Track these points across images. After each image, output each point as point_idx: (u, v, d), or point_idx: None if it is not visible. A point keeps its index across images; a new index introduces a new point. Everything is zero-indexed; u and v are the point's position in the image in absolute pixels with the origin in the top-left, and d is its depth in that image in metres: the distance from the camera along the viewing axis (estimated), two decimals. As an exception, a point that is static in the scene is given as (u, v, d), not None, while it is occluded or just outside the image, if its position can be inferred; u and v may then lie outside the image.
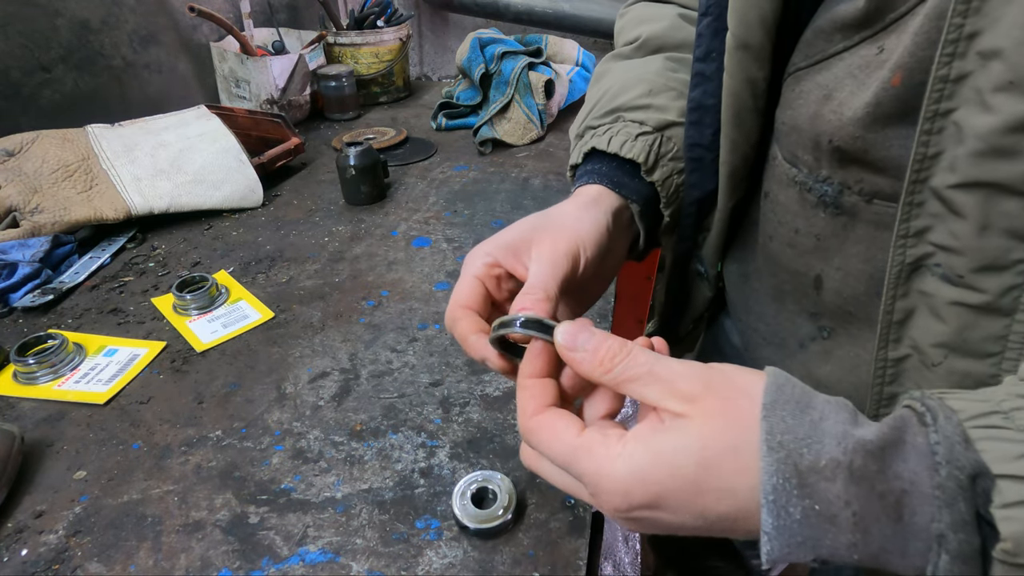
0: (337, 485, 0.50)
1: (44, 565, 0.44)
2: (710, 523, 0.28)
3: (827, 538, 0.26)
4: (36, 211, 0.79)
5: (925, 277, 0.35)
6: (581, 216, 0.45)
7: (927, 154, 0.32)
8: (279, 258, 0.82)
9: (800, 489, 0.26)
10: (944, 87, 0.30)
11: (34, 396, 0.59)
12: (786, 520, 0.26)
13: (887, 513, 0.25)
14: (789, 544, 0.26)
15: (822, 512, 0.26)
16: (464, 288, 0.42)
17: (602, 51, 2.20)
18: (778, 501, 0.26)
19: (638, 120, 0.51)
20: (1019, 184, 0.29)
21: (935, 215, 0.33)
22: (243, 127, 1.05)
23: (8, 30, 0.92)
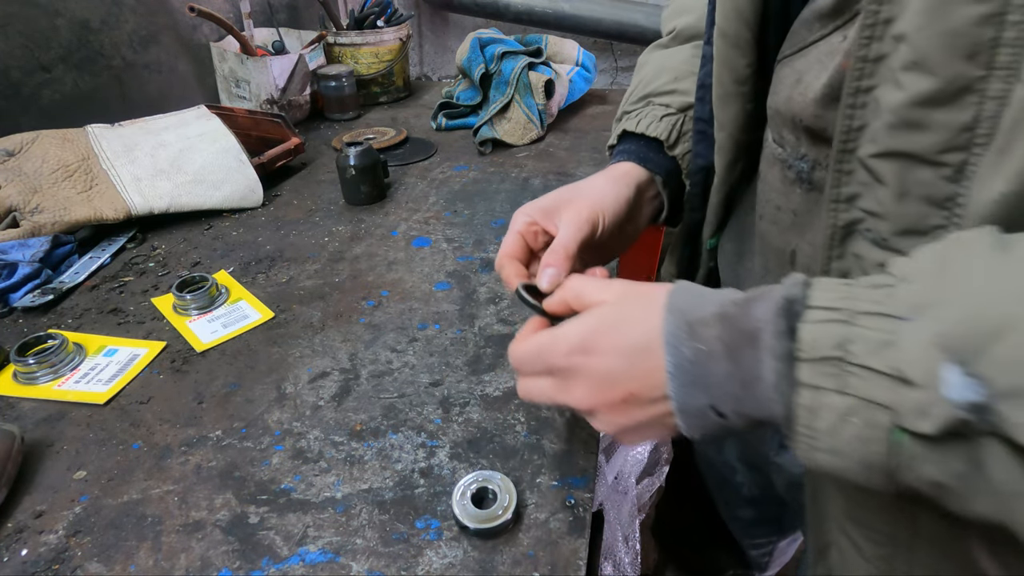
0: (337, 485, 0.50)
1: (44, 565, 0.44)
2: (629, 358, 0.37)
3: (711, 372, 0.34)
4: (36, 211, 0.79)
5: (858, 241, 0.38)
6: (605, 189, 0.55)
7: (852, 126, 0.35)
8: (279, 258, 0.82)
9: (689, 334, 0.35)
10: (864, 66, 0.34)
11: (34, 396, 0.59)
12: (680, 359, 0.35)
13: (748, 342, 0.33)
14: (686, 383, 0.35)
15: (706, 350, 0.34)
16: (509, 241, 0.53)
17: (602, 51, 2.21)
18: (672, 343, 0.35)
19: (664, 103, 0.61)
20: (929, 154, 0.32)
21: (863, 183, 0.36)
22: (243, 127, 1.05)
23: (8, 30, 0.92)
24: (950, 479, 0.28)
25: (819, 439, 0.31)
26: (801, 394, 0.30)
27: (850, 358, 0.29)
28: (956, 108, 0.31)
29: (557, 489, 0.49)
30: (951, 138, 0.31)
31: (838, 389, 0.29)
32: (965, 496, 0.28)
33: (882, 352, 0.28)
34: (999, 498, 0.27)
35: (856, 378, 0.29)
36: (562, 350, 0.40)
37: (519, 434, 0.54)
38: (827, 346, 0.30)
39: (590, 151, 1.13)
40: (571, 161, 1.09)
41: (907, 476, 0.29)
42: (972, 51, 0.29)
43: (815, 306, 0.31)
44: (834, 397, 0.29)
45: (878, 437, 0.29)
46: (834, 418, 0.30)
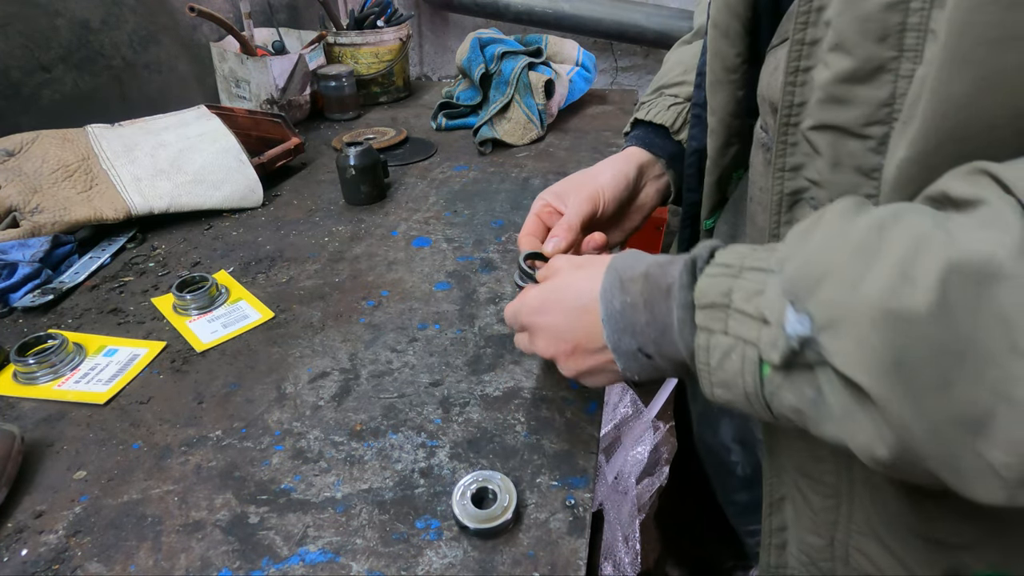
0: (337, 485, 0.50)
1: (44, 565, 0.44)
2: (572, 316, 0.46)
3: (635, 321, 0.41)
4: (36, 211, 0.79)
5: (804, 208, 0.42)
6: (605, 171, 0.65)
7: (794, 102, 0.39)
8: (279, 258, 0.82)
9: (620, 289, 0.42)
10: (802, 48, 0.38)
11: (34, 396, 0.59)
12: (611, 310, 0.42)
13: (662, 296, 0.40)
14: (617, 330, 0.42)
15: (631, 303, 0.41)
16: (528, 221, 0.64)
17: (602, 51, 2.21)
18: (606, 296, 0.43)
19: (673, 94, 0.69)
20: (855, 127, 0.36)
21: (806, 154, 0.40)
22: (243, 127, 1.05)
23: (8, 30, 0.92)
24: (804, 405, 0.33)
25: (713, 374, 0.37)
26: (698, 335, 0.37)
27: (732, 304, 0.35)
28: (874, 85, 0.34)
29: (557, 489, 0.49)
30: (872, 112, 0.35)
31: (723, 330, 0.35)
32: (817, 420, 0.33)
33: (754, 299, 0.34)
34: (837, 421, 0.32)
35: (735, 320, 0.35)
36: (526, 311, 0.50)
37: (519, 434, 0.54)
38: (715, 294, 0.36)
39: (590, 151, 1.13)
40: (571, 161, 1.09)
41: (776, 404, 0.34)
42: (883, 34, 0.33)
43: (716, 263, 0.37)
44: (720, 337, 0.36)
45: (751, 370, 0.34)
46: (720, 355, 0.36)
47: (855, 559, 0.46)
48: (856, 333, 0.29)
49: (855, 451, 0.32)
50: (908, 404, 0.28)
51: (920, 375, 0.28)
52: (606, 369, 0.45)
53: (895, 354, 0.28)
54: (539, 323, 0.48)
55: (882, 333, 0.28)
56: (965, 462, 0.28)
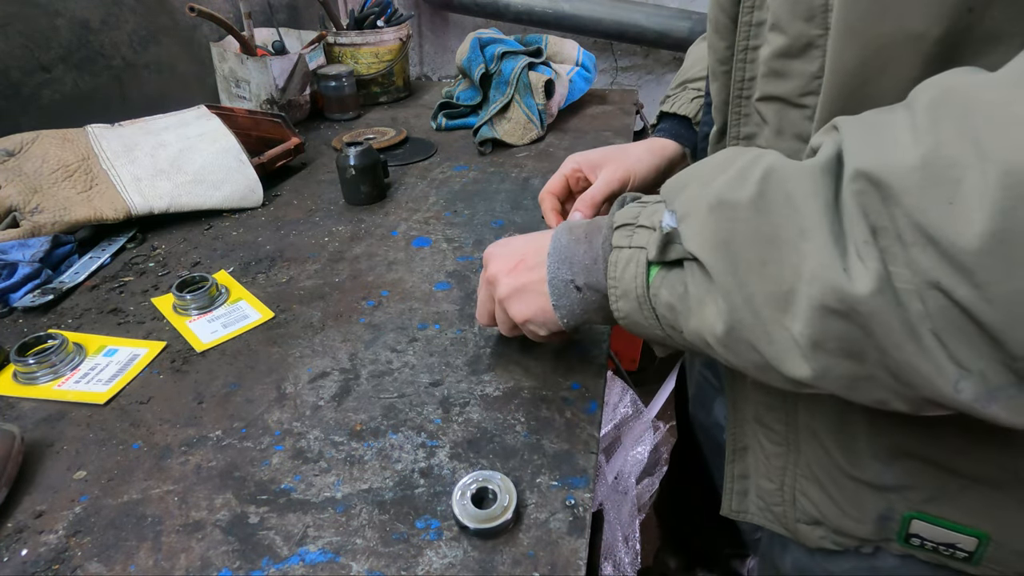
0: (337, 485, 0.50)
1: (44, 565, 0.44)
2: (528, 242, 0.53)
3: (574, 252, 0.47)
4: (36, 211, 0.79)
5: None
6: (642, 156, 0.69)
7: (744, 77, 0.43)
8: (279, 258, 0.82)
9: (568, 230, 0.49)
10: (750, 29, 0.42)
11: (34, 396, 0.59)
12: (557, 244, 0.48)
13: (597, 231, 0.47)
14: (558, 260, 0.48)
15: (574, 238, 0.48)
16: (555, 180, 0.69)
17: (602, 51, 2.21)
18: (556, 235, 0.49)
19: (696, 88, 0.74)
20: (792, 97, 0.40)
21: (756, 124, 0.44)
22: (243, 127, 1.05)
23: (8, 30, 0.92)
24: (675, 299, 0.39)
25: (618, 287, 0.43)
26: (612, 253, 0.43)
27: (637, 222, 0.43)
28: (805, 60, 0.38)
29: (557, 489, 0.49)
30: (806, 84, 0.39)
31: (627, 244, 0.42)
32: (685, 314, 0.39)
33: (651, 216, 0.42)
34: (694, 309, 0.38)
35: (637, 235, 0.42)
36: (489, 251, 0.55)
37: (519, 434, 0.54)
38: (627, 217, 0.44)
39: (590, 151, 1.13)
40: (571, 161, 1.09)
41: (658, 304, 0.41)
42: (809, 15, 0.37)
43: (633, 201, 0.45)
44: (625, 251, 0.42)
45: (641, 272, 0.41)
46: (623, 265, 0.42)
47: (801, 502, 0.51)
48: (699, 218, 0.37)
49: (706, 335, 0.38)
50: (733, 278, 0.35)
51: (742, 254, 0.34)
52: (535, 290, 0.50)
53: (724, 235, 0.35)
54: (497, 252, 0.54)
55: (715, 217, 0.36)
56: (776, 334, 0.34)
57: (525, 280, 0.50)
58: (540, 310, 0.50)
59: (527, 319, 0.51)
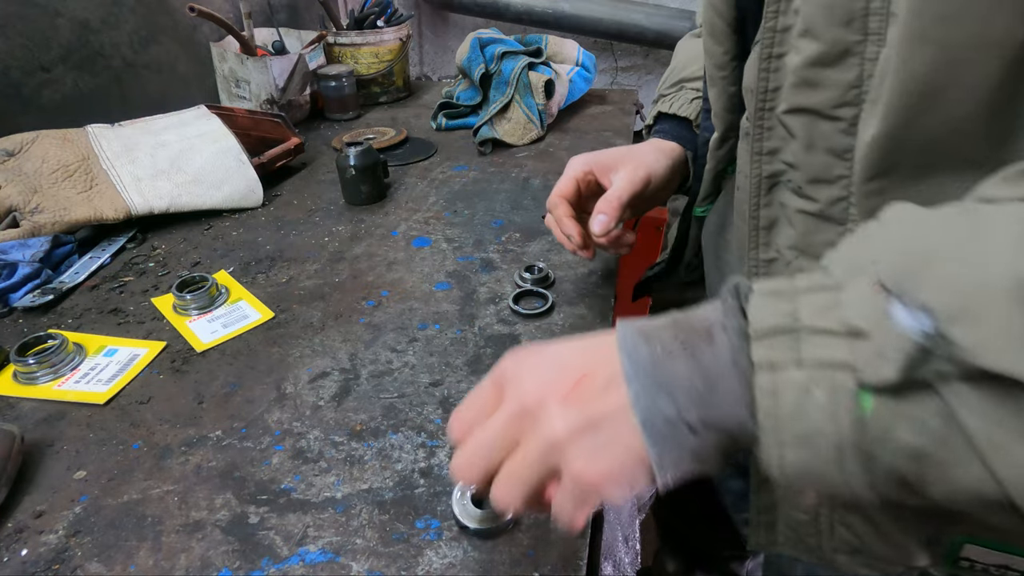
0: (337, 485, 0.50)
1: (44, 565, 0.44)
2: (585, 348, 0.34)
3: (672, 371, 0.31)
4: (36, 211, 0.79)
5: (782, 190, 0.43)
6: (658, 157, 0.65)
7: (768, 88, 0.40)
8: (279, 258, 0.82)
9: (644, 340, 0.32)
10: (774, 36, 0.39)
11: (34, 396, 0.59)
12: (638, 360, 0.31)
13: (702, 338, 0.31)
14: (648, 386, 0.31)
15: (663, 350, 0.31)
16: (565, 183, 0.64)
17: (602, 51, 2.21)
18: (627, 348, 0.32)
19: (695, 88, 0.69)
20: (825, 109, 0.37)
21: (782, 138, 0.41)
22: (243, 127, 1.05)
23: (8, 30, 0.92)
24: (927, 442, 0.26)
25: (784, 428, 0.28)
26: (759, 376, 0.28)
27: (800, 325, 0.28)
28: (842, 68, 0.35)
29: (557, 489, 0.49)
30: (842, 94, 0.36)
31: (795, 361, 0.28)
32: (948, 463, 0.26)
33: (829, 313, 0.28)
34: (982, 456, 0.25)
35: (810, 344, 0.28)
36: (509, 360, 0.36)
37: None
38: (776, 316, 0.29)
39: (590, 151, 1.13)
40: (571, 161, 1.09)
41: (885, 452, 0.26)
42: (848, 19, 0.34)
43: (760, 291, 0.31)
44: (792, 372, 0.28)
45: (845, 406, 0.26)
46: (796, 395, 0.27)
47: (840, 532, 0.46)
48: (997, 316, 0.23)
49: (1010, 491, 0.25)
50: None
51: None
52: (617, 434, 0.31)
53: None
54: (527, 362, 0.35)
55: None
56: None
57: (599, 410, 0.32)
58: (627, 462, 0.31)
59: (604, 478, 0.31)
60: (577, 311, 0.69)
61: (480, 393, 0.37)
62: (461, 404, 0.37)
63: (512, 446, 0.34)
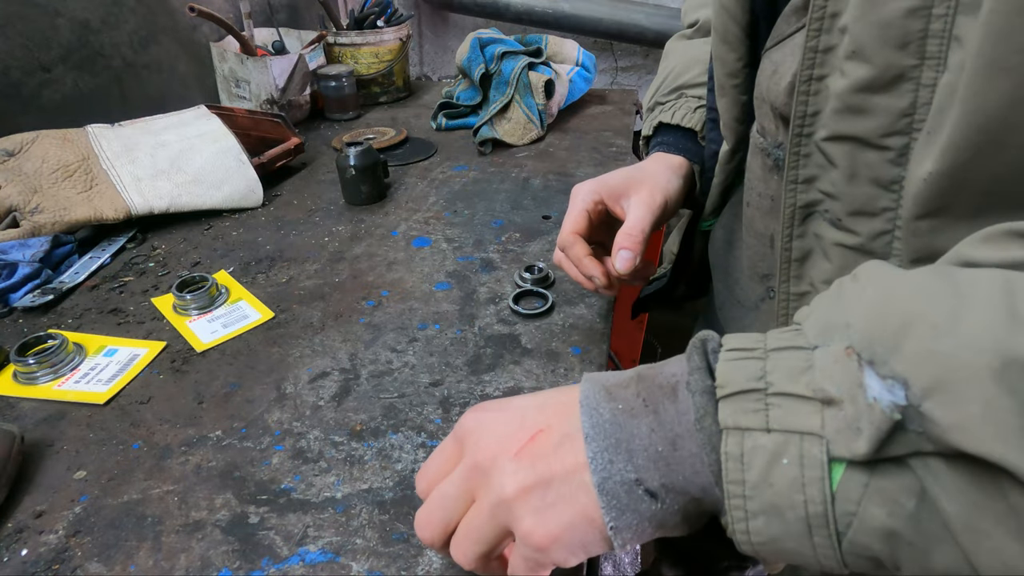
0: (337, 485, 0.50)
1: (44, 565, 0.44)
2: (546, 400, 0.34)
3: (633, 431, 0.30)
4: (36, 211, 0.79)
5: (817, 221, 0.40)
6: (670, 177, 0.59)
7: (807, 112, 0.37)
8: (279, 258, 0.82)
9: (606, 396, 0.32)
10: (816, 56, 0.36)
11: (34, 396, 0.59)
12: (598, 419, 0.31)
13: (666, 396, 0.30)
14: (607, 447, 0.30)
15: (624, 409, 0.31)
16: (576, 218, 0.55)
17: (602, 51, 2.21)
18: (589, 404, 0.32)
19: (697, 96, 0.64)
20: (872, 137, 0.34)
21: (820, 165, 0.38)
22: (243, 127, 1.05)
23: (8, 30, 0.92)
24: (900, 523, 0.24)
25: (752, 498, 0.27)
26: (726, 442, 0.27)
27: (770, 388, 0.27)
28: (894, 94, 0.33)
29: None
30: (892, 122, 0.33)
31: (763, 426, 0.26)
32: (921, 546, 0.24)
33: (800, 377, 0.26)
34: (959, 535, 0.23)
35: (779, 409, 0.26)
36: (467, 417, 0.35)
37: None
38: (745, 379, 0.27)
39: (590, 151, 1.13)
40: (571, 161, 1.09)
41: (857, 531, 0.25)
42: (903, 41, 0.32)
43: (729, 347, 0.29)
44: (760, 437, 0.26)
45: (815, 477, 0.25)
46: (764, 462, 0.26)
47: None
48: (978, 392, 0.22)
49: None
50: None
51: None
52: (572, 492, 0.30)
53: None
54: (484, 418, 0.34)
55: (1010, 386, 0.21)
56: None
57: (551, 469, 0.31)
58: (578, 524, 0.30)
59: (552, 541, 0.30)
60: (577, 311, 0.69)
61: (443, 449, 0.37)
62: (426, 460, 0.38)
63: (469, 503, 0.34)
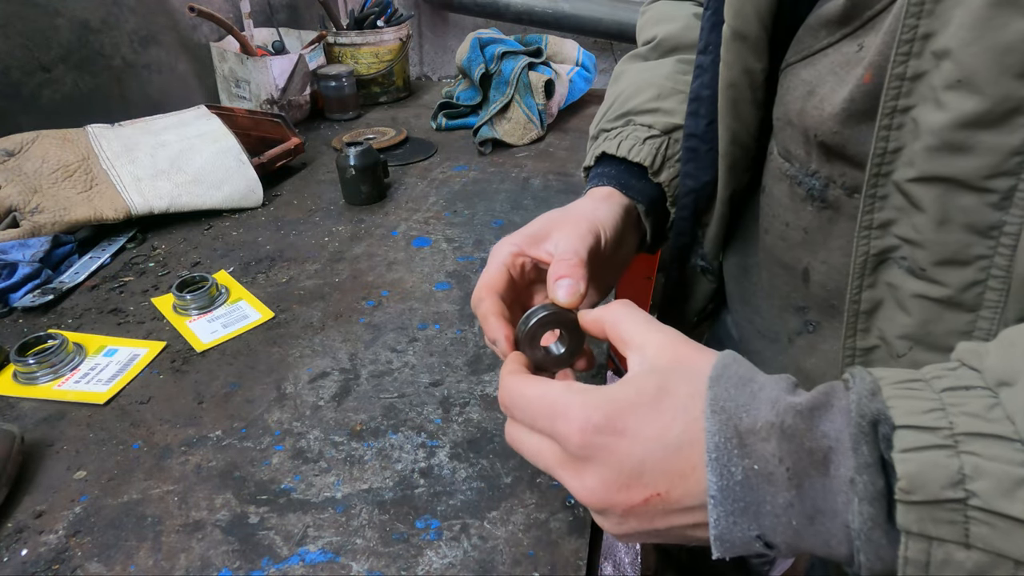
0: (337, 485, 0.50)
1: (44, 565, 0.44)
2: (666, 451, 0.29)
3: (767, 499, 0.27)
4: (36, 211, 0.79)
5: (892, 269, 0.36)
6: (597, 206, 0.49)
7: (887, 148, 0.33)
8: (279, 258, 0.82)
9: (740, 449, 0.28)
10: (902, 85, 0.32)
11: (34, 396, 0.59)
12: (729, 481, 0.27)
13: (816, 468, 0.26)
14: (733, 511, 0.28)
15: (760, 471, 0.27)
16: (491, 272, 0.45)
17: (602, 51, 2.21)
18: (720, 459, 0.28)
19: (647, 124, 0.54)
20: (972, 179, 0.30)
21: (899, 208, 0.34)
22: (243, 127, 1.05)
23: (8, 30, 0.92)
24: None
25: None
26: (907, 546, 0.24)
27: (974, 500, 0.23)
28: (1006, 130, 0.29)
29: (557, 489, 0.49)
30: (999, 162, 0.29)
31: (961, 540, 0.23)
32: None
33: (1017, 492, 0.22)
34: None
35: (987, 527, 0.23)
36: (582, 423, 0.31)
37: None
38: (940, 484, 0.23)
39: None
40: (571, 161, 1.09)
41: None
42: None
43: (904, 425, 0.25)
44: (957, 551, 0.23)
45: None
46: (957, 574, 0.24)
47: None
48: None
49: None
50: None
51: None
52: (678, 536, 0.31)
53: None
54: (604, 447, 0.30)
55: None
56: None
57: (661, 525, 0.31)
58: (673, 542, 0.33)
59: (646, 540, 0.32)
60: (577, 311, 0.69)
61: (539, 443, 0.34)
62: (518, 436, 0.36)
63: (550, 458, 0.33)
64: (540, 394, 0.33)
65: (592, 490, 0.31)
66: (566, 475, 0.32)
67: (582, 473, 0.31)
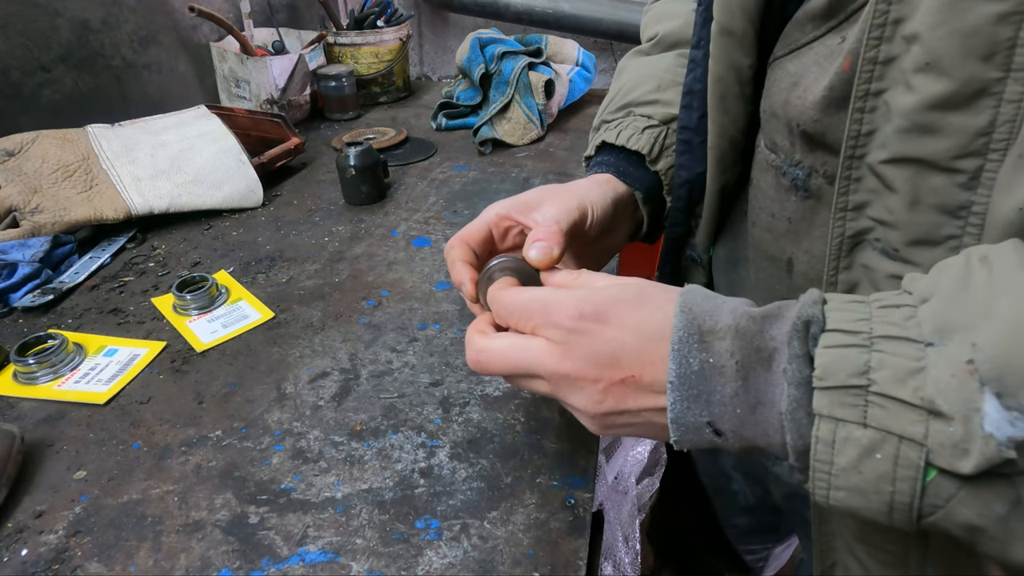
0: (337, 485, 0.50)
1: (44, 565, 0.44)
2: (643, 340, 0.34)
3: (717, 388, 0.31)
4: (36, 211, 0.79)
5: (867, 251, 0.37)
6: (591, 188, 0.51)
7: (861, 131, 0.34)
8: (279, 258, 0.82)
9: (700, 344, 0.32)
10: (874, 69, 0.32)
11: (34, 396, 0.59)
12: (686, 370, 0.32)
13: (761, 364, 0.31)
14: (687, 397, 0.32)
15: (714, 364, 0.31)
16: (471, 226, 0.48)
17: (602, 51, 2.21)
18: (681, 351, 0.32)
19: (646, 114, 0.57)
20: (941, 160, 0.31)
21: (873, 190, 0.35)
22: (243, 127, 1.05)
23: (8, 30, 0.92)
24: (987, 522, 0.25)
25: (838, 476, 0.28)
26: (819, 426, 0.28)
27: (874, 387, 0.27)
28: (972, 112, 0.29)
29: (557, 489, 0.49)
30: (966, 143, 0.30)
31: (861, 421, 0.27)
32: (1003, 540, 0.25)
33: (909, 380, 0.26)
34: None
35: (881, 409, 0.26)
36: (573, 311, 0.36)
37: (519, 434, 0.54)
38: (847, 373, 0.27)
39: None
40: (571, 161, 1.09)
41: (938, 518, 0.26)
42: (989, 51, 0.28)
43: (832, 329, 0.29)
44: (856, 430, 0.27)
45: (907, 476, 0.26)
46: (856, 453, 0.27)
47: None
48: None
49: None
50: None
51: None
52: (646, 423, 0.36)
53: None
54: (591, 332, 0.35)
55: None
56: None
57: (631, 405, 0.35)
58: (639, 435, 0.38)
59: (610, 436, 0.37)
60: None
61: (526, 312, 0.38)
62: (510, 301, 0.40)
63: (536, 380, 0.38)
64: (532, 296, 0.38)
65: (577, 369, 0.35)
66: (552, 361, 0.36)
67: (570, 353, 0.35)
